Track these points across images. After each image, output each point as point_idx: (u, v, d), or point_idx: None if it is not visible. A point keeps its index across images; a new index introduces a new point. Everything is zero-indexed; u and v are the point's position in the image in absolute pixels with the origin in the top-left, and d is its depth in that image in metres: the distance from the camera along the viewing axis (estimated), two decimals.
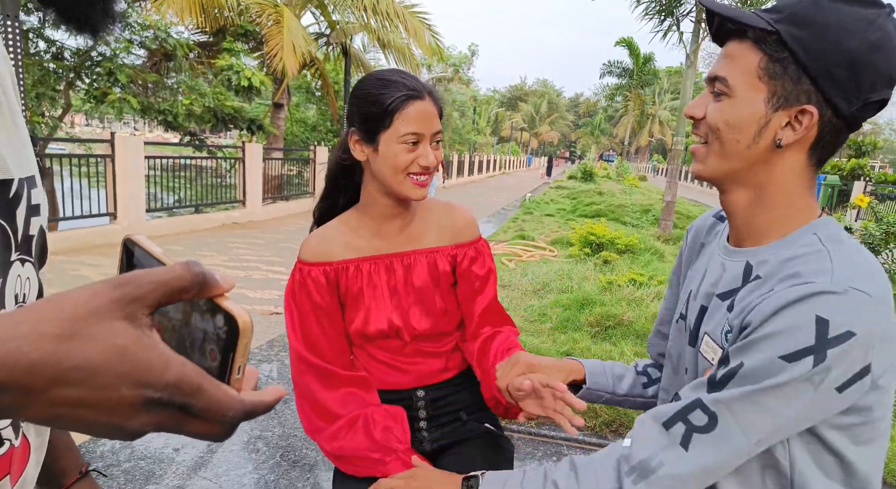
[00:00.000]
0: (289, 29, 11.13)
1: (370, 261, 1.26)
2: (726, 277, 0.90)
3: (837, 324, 0.70)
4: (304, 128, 17.81)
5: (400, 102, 1.14)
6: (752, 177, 0.85)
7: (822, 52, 0.75)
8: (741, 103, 0.81)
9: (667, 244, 9.02)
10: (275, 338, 4.25)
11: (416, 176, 1.17)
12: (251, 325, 0.38)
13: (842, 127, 0.80)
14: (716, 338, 0.87)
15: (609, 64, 25.82)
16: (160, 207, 8.94)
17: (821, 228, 0.82)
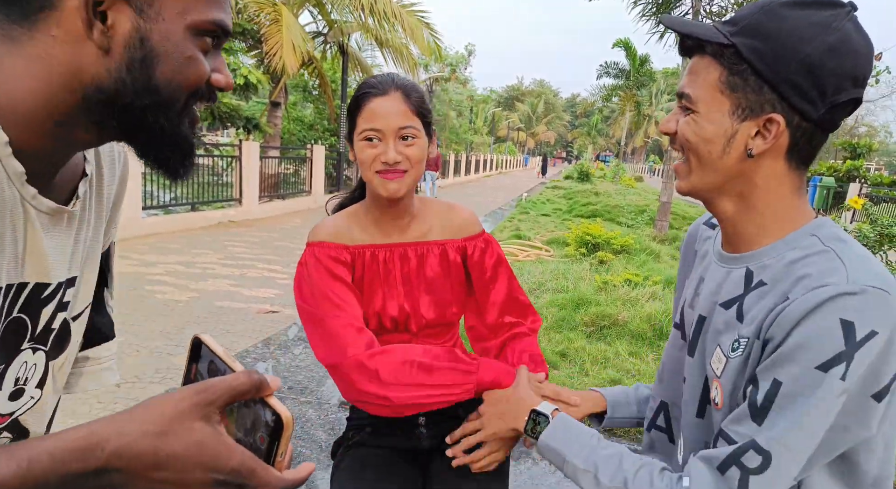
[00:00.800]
0: (288, 27, 11.12)
1: (386, 248, 1.29)
2: (726, 285, 0.89)
3: (862, 325, 0.70)
4: (301, 126, 17.78)
5: (361, 101, 1.18)
6: (733, 187, 0.85)
7: (779, 60, 0.76)
8: (706, 118, 0.81)
9: (662, 244, 9.04)
10: (271, 336, 4.25)
11: (381, 173, 1.19)
12: (293, 422, 0.52)
13: (814, 130, 0.80)
14: (724, 349, 0.85)
15: (606, 65, 25.85)
16: (156, 205, 8.92)
17: (819, 229, 0.82)
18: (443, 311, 1.32)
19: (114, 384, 0.88)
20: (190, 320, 4.51)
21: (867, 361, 0.70)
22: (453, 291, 1.34)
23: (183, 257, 6.85)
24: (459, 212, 1.37)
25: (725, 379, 0.84)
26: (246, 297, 5.31)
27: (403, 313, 1.29)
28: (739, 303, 0.85)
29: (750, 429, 0.75)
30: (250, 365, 3.67)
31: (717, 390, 0.86)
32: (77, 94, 0.57)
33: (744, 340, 0.81)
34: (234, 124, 11.97)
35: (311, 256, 1.23)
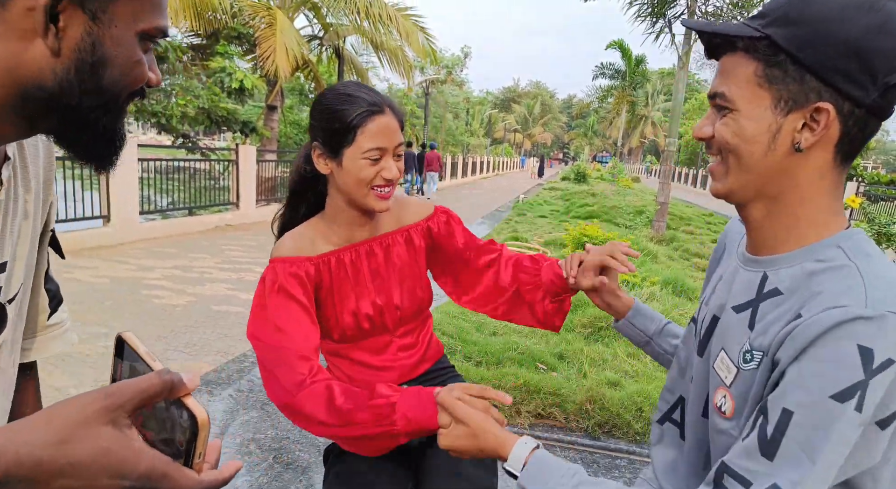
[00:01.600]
0: (282, 31, 11.14)
1: (350, 249, 1.30)
2: (739, 287, 0.86)
3: (881, 353, 0.65)
4: (297, 129, 17.80)
5: (362, 119, 1.17)
6: (772, 187, 0.80)
7: (821, 45, 0.71)
8: (746, 115, 0.77)
9: (660, 245, 9.05)
10: None
11: (379, 188, 1.20)
12: (208, 422, 0.51)
13: (867, 117, 0.74)
14: (732, 356, 0.82)
15: (602, 66, 25.91)
16: (153, 210, 8.91)
17: (845, 241, 0.77)
18: (415, 298, 1.36)
19: (75, 343, 0.93)
20: (187, 325, 4.51)
21: (881, 390, 0.66)
22: (422, 277, 1.39)
23: (180, 261, 6.85)
24: (409, 201, 1.42)
25: (737, 390, 0.80)
26: (243, 301, 5.30)
27: (377, 309, 1.31)
28: (752, 309, 0.81)
29: (762, 467, 0.70)
30: (248, 369, 3.67)
31: (726, 399, 0.82)
32: (10, 90, 0.57)
33: (758, 354, 0.77)
34: (231, 128, 11.96)
35: (270, 272, 1.23)
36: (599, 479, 0.86)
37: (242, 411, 3.08)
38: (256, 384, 3.45)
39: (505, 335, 4.24)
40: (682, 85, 10.52)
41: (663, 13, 10.42)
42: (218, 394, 3.28)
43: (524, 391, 3.22)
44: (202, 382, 3.41)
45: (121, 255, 6.96)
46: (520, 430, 3.00)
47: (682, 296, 5.54)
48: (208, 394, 3.27)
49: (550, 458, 0.89)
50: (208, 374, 3.54)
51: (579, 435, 3.00)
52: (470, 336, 4.12)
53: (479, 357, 3.79)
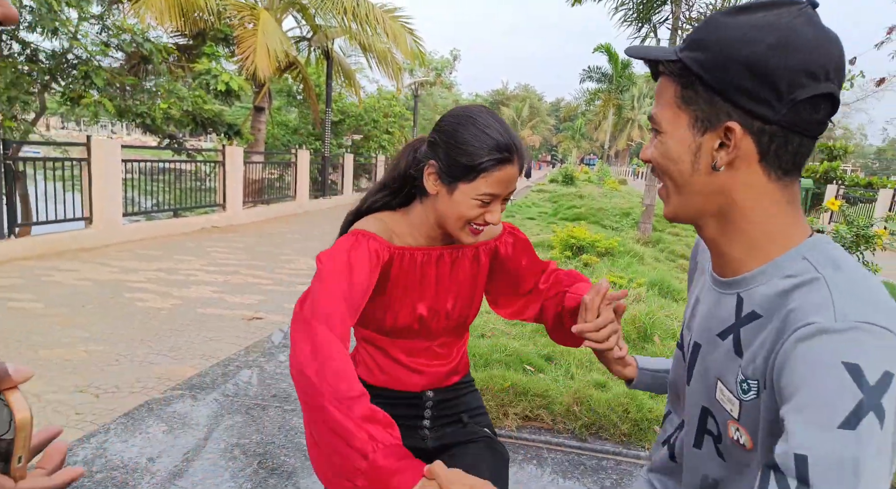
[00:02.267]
0: (264, 32, 11.05)
1: (424, 251, 1.30)
2: (719, 312, 0.84)
3: (869, 367, 0.61)
4: (285, 131, 17.70)
5: (491, 165, 1.14)
6: (711, 206, 0.81)
7: (721, 67, 0.73)
8: (670, 136, 0.80)
9: (646, 247, 9.10)
10: (251, 345, 4.21)
11: (477, 226, 1.20)
12: (29, 421, 0.44)
13: (784, 133, 0.74)
14: (731, 388, 0.79)
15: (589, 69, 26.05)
16: (138, 211, 8.81)
17: (811, 251, 0.76)
18: (465, 312, 1.37)
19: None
20: (172, 328, 4.46)
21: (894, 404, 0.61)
22: (478, 294, 1.40)
23: (165, 264, 6.77)
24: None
25: (747, 421, 0.77)
26: (230, 304, 5.26)
27: (432, 313, 1.32)
28: (735, 334, 0.80)
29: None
30: (233, 373, 3.63)
31: (741, 433, 0.79)
32: None
33: (753, 383, 0.75)
34: (217, 130, 11.87)
35: (356, 237, 1.20)
36: None
37: (227, 416, 3.05)
38: (241, 388, 3.41)
39: (493, 337, 4.24)
40: None
41: (649, 18, 10.51)
42: (202, 398, 3.24)
43: (512, 393, 3.22)
44: (187, 387, 3.37)
45: (103, 258, 6.87)
46: (507, 432, 2.99)
47: (667, 298, 5.58)
48: (192, 398, 3.23)
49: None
50: (192, 378, 3.50)
51: (566, 436, 3.00)
52: None
53: None
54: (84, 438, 2.72)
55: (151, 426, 2.88)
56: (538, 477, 2.65)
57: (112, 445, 2.67)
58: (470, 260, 1.37)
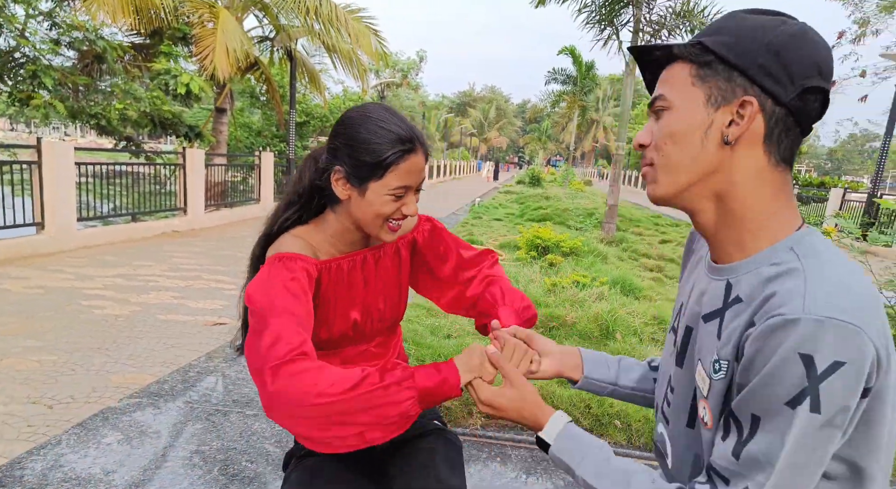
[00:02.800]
0: (223, 31, 10.82)
1: (348, 258, 1.30)
2: (709, 297, 0.88)
3: (821, 358, 0.68)
4: (248, 133, 17.42)
5: (396, 158, 1.14)
6: (710, 187, 0.84)
7: (745, 47, 0.79)
8: (682, 111, 0.83)
9: (610, 246, 9.25)
10: (214, 350, 4.12)
11: (395, 221, 1.21)
12: None
13: (787, 118, 0.80)
14: (706, 367, 0.85)
15: (554, 71, 26.33)
16: (94, 216, 8.55)
17: (799, 243, 0.79)
18: (396, 309, 1.39)
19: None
20: (131, 335, 4.33)
21: (832, 394, 0.68)
22: (404, 288, 1.42)
23: (123, 270, 6.59)
24: None
25: (713, 400, 0.83)
26: (192, 309, 5.14)
27: (365, 317, 1.32)
28: (720, 318, 0.84)
29: (736, 467, 0.75)
30: (194, 379, 3.55)
31: (706, 410, 0.85)
32: None
33: (724, 363, 0.80)
34: (177, 132, 11.60)
35: (278, 261, 1.16)
36: (626, 459, 0.90)
37: (187, 423, 2.98)
38: (203, 395, 3.34)
39: (459, 337, 4.24)
40: (629, 90, 10.80)
41: (611, 20, 10.69)
42: (161, 406, 3.16)
43: None
44: (144, 395, 3.28)
45: (57, 264, 6.64)
46: (472, 430, 3.00)
47: (629, 295, 5.68)
48: (150, 406, 3.14)
49: (581, 432, 0.96)
50: (150, 386, 3.41)
51: (530, 434, 3.02)
52: (424, 339, 4.10)
53: (431, 359, 3.77)
54: (34, 450, 2.62)
55: (107, 436, 2.79)
56: (502, 474, 2.67)
57: (65, 457, 2.58)
58: (391, 256, 1.38)
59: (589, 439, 0.94)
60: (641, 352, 4.05)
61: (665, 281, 7.15)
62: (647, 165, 0.89)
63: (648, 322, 4.70)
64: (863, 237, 5.03)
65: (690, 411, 0.92)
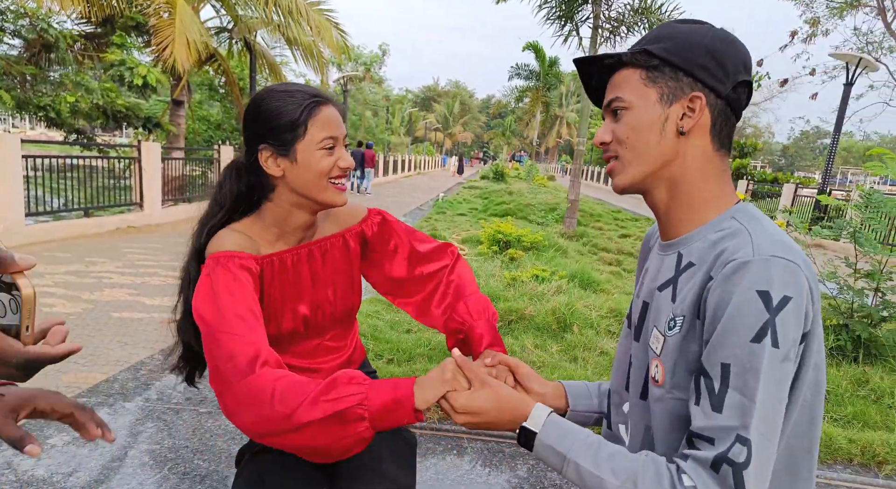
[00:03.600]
0: (181, 20, 10.56)
1: (292, 252, 1.28)
2: (663, 271, 0.97)
3: (776, 292, 0.77)
4: (207, 126, 17.03)
5: (310, 110, 1.16)
6: (667, 172, 0.94)
7: (686, 50, 0.91)
8: (640, 108, 0.93)
9: (570, 241, 9.40)
10: (167, 348, 4.03)
11: (338, 180, 1.20)
12: (33, 296, 0.56)
13: (726, 109, 0.93)
14: (660, 329, 0.92)
15: (517, 66, 26.46)
16: (43, 211, 8.25)
17: (739, 212, 0.92)
18: (347, 302, 1.38)
19: None
20: (82, 334, 4.22)
21: (791, 325, 0.77)
22: (355, 281, 1.41)
23: (75, 266, 6.39)
24: (343, 208, 1.39)
25: (665, 356, 0.89)
26: (147, 306, 5.03)
27: (314, 311, 1.31)
28: (673, 285, 0.93)
29: (720, 421, 0.79)
30: (144, 377, 3.48)
31: (658, 368, 0.91)
32: None
33: (679, 319, 0.88)
34: (132, 124, 11.25)
35: (217, 265, 1.13)
36: (612, 444, 0.92)
37: (139, 422, 2.93)
38: (155, 392, 3.28)
39: (419, 332, 4.27)
40: None
41: (571, 17, 10.82)
42: (113, 405, 3.09)
43: None
44: (96, 393, 3.20)
45: None
46: (429, 424, 3.03)
47: (587, 289, 5.79)
48: (100, 405, 3.07)
49: (564, 420, 0.97)
50: (100, 385, 3.33)
51: None
52: (383, 334, 4.11)
53: (390, 354, 3.79)
54: None
55: (51, 437, 2.72)
56: (458, 466, 2.71)
57: (6, 459, 2.51)
58: (340, 249, 1.37)
59: (575, 426, 0.95)
60: (598, 345, 4.14)
61: (623, 274, 7.31)
62: (611, 160, 0.99)
63: (605, 315, 4.80)
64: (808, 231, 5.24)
65: (644, 383, 0.98)
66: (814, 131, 70.18)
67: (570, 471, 0.89)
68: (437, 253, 1.48)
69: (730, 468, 0.77)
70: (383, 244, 1.45)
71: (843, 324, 4.19)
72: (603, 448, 0.89)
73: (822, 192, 14.03)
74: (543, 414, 0.96)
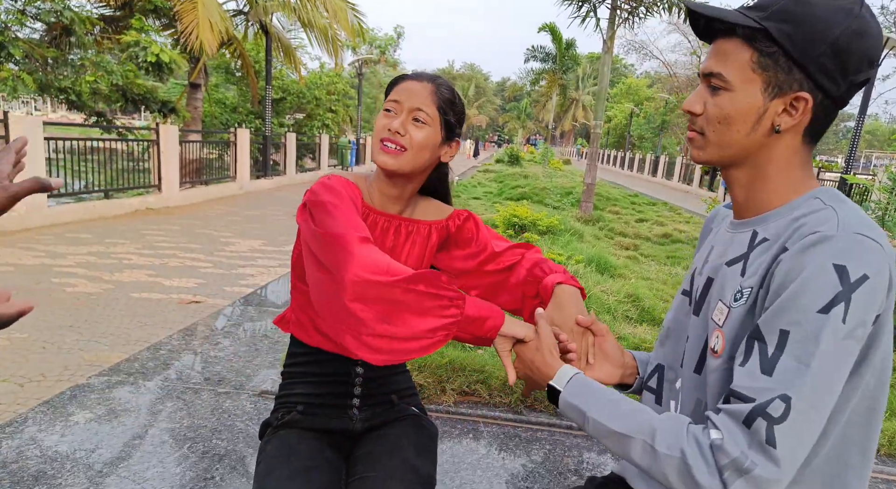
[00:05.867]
0: (204, 4, 10.58)
1: (386, 217, 1.33)
2: (733, 247, 0.94)
3: (853, 268, 0.74)
4: (223, 109, 17.07)
5: (395, 82, 1.30)
6: (751, 160, 0.90)
7: (809, 43, 0.81)
8: (740, 95, 0.86)
9: (586, 225, 9.33)
10: (188, 328, 4.10)
11: (385, 142, 1.24)
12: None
13: (831, 107, 0.86)
14: (726, 301, 0.89)
15: (533, 49, 26.06)
16: (65, 193, 8.36)
17: (821, 193, 0.88)
18: None
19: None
20: (103, 314, 4.29)
21: (861, 304, 0.74)
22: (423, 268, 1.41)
23: (96, 247, 6.48)
24: (437, 202, 1.46)
25: (728, 327, 0.87)
26: (166, 288, 5.10)
27: None
28: (745, 260, 0.89)
29: (766, 383, 0.76)
30: (165, 357, 3.54)
31: (719, 338, 0.89)
32: None
33: (747, 290, 0.85)
34: (149, 108, 11.31)
35: (334, 179, 1.23)
36: (635, 402, 0.92)
37: (159, 401, 2.98)
38: (174, 373, 3.33)
39: None
40: (606, 69, 10.79)
41: None
42: (134, 384, 3.15)
43: (450, 369, 3.27)
44: (117, 372, 3.26)
45: (27, 241, 6.51)
46: (445, 407, 3.04)
47: (604, 274, 5.75)
48: (120, 384, 3.13)
49: (591, 381, 0.99)
50: (120, 364, 3.39)
51: (503, 410, 3.07)
52: None
53: None
54: (2, 427, 2.60)
55: (75, 413, 2.78)
56: (474, 450, 2.72)
57: (32, 434, 2.57)
58: (423, 235, 1.38)
59: (600, 386, 0.97)
60: (615, 330, 4.12)
61: (640, 259, 7.25)
62: (695, 132, 0.93)
63: (622, 300, 4.77)
64: None
65: (700, 357, 0.96)
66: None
67: (589, 426, 0.91)
68: (514, 248, 1.45)
69: (764, 422, 0.74)
70: (464, 242, 1.44)
71: None
72: (623, 404, 0.90)
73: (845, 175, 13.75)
74: (569, 373, 1.00)
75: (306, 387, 1.37)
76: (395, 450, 1.28)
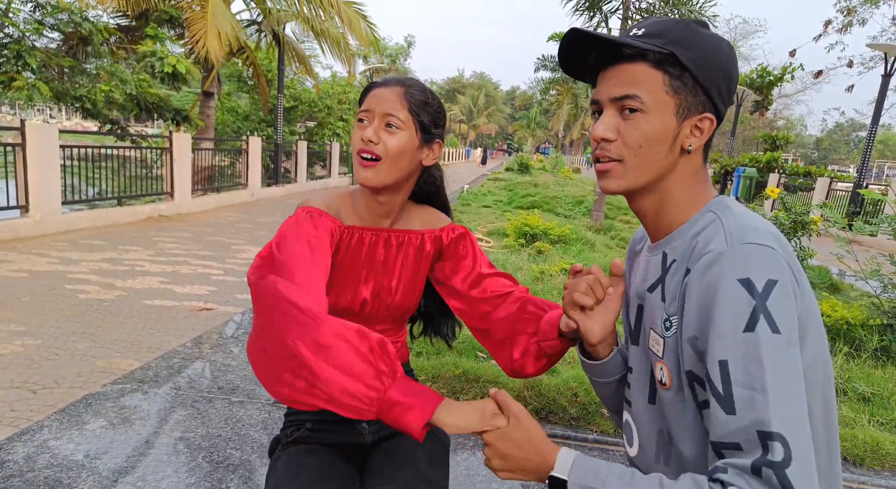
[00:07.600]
0: (213, 13, 10.69)
1: (373, 232, 1.31)
2: (650, 272, 0.95)
3: (757, 278, 0.75)
4: (235, 117, 17.22)
5: (364, 92, 1.26)
6: (663, 183, 0.92)
7: (708, 67, 0.87)
8: (655, 118, 0.88)
9: (598, 234, 9.29)
10: (199, 336, 4.11)
11: (361, 152, 1.22)
12: None
13: (716, 125, 0.92)
14: (658, 331, 0.90)
15: (543, 58, 26.13)
16: (79, 200, 8.43)
17: (714, 204, 0.91)
18: (407, 299, 1.37)
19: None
20: (116, 321, 4.31)
21: (785, 307, 0.74)
22: (418, 280, 1.39)
23: (109, 254, 6.53)
24: (434, 210, 1.44)
25: (668, 358, 0.87)
26: (178, 295, 5.11)
27: (374, 295, 1.31)
28: (661, 285, 0.91)
29: (734, 424, 0.73)
30: (178, 365, 3.54)
31: (663, 370, 0.89)
32: None
33: (674, 318, 0.86)
34: (163, 116, 11.43)
35: (306, 216, 1.19)
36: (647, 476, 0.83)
37: (171, 409, 2.97)
38: (187, 381, 3.33)
39: None
40: None
41: (600, 7, 10.65)
42: (145, 391, 3.15)
43: (463, 380, 3.24)
44: (128, 380, 3.26)
45: (41, 248, 6.56)
46: None
47: None
48: (134, 392, 3.13)
49: (591, 458, 0.88)
50: (135, 372, 3.40)
51: None
52: None
53: (419, 348, 3.78)
54: (16, 436, 2.61)
55: (89, 421, 2.78)
56: None
57: (47, 442, 2.57)
58: (416, 246, 1.36)
59: (604, 462, 0.87)
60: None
61: None
62: (612, 160, 0.91)
63: None
64: (848, 227, 5.09)
65: (650, 388, 0.95)
66: (849, 123, 68.23)
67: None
68: (504, 278, 1.41)
69: (771, 470, 0.72)
70: (455, 255, 1.41)
71: (888, 324, 4.06)
72: (637, 476, 0.83)
73: (859, 186, 13.62)
74: (569, 458, 0.88)
75: None
76: (408, 462, 1.27)
